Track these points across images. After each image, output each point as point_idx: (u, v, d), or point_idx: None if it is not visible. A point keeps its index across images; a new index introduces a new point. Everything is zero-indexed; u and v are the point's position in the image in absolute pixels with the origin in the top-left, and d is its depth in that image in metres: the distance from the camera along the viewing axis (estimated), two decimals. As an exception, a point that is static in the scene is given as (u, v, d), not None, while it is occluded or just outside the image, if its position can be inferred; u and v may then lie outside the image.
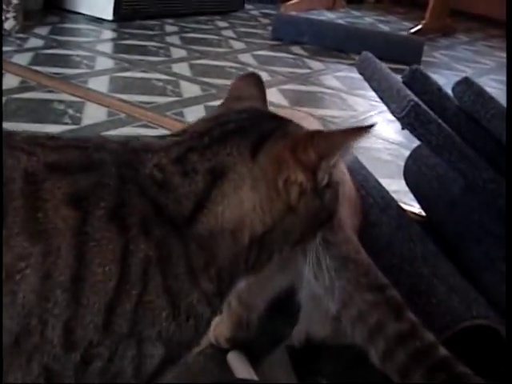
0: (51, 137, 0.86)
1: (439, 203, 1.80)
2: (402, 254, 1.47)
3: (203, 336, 0.90)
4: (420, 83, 1.64)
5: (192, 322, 0.84)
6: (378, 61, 1.77)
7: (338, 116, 3.16)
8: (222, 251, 0.87)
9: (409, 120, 1.39)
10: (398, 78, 1.68)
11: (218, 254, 0.86)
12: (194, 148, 0.88)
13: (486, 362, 1.36)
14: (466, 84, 1.54)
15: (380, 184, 1.73)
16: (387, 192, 1.71)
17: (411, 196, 2.04)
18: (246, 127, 0.91)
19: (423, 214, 1.98)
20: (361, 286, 1.10)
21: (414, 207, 2.06)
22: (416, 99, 1.43)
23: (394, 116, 1.42)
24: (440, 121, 1.42)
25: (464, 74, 4.63)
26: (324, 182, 0.92)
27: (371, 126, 0.90)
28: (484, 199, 1.46)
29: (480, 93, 1.52)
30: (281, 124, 0.94)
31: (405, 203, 2.13)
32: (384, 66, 1.75)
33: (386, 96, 1.52)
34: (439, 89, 1.63)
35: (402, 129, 1.42)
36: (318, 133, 0.92)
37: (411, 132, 1.40)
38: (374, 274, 1.14)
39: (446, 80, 4.08)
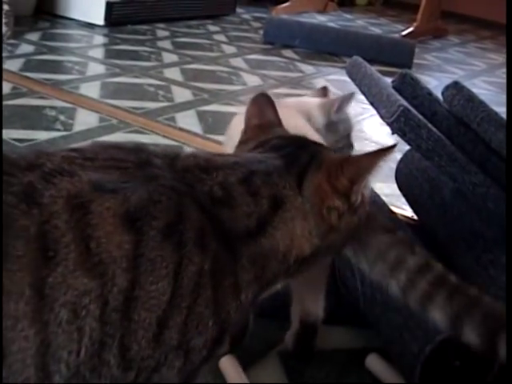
0: (88, 157, 0.84)
1: (431, 207, 1.80)
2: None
3: None
4: (410, 88, 1.64)
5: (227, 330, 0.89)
6: (368, 65, 1.77)
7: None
8: (271, 269, 0.93)
9: (398, 125, 1.38)
10: (389, 81, 1.69)
11: (267, 270, 0.93)
12: (255, 172, 0.94)
13: (476, 368, 1.37)
14: (455, 88, 1.54)
15: (371, 188, 1.73)
16: (379, 196, 1.71)
17: (403, 200, 2.04)
18: (291, 162, 0.98)
19: (415, 217, 1.98)
20: (375, 230, 1.14)
21: (407, 211, 2.06)
22: (406, 104, 1.43)
23: (384, 121, 1.42)
24: (430, 125, 1.42)
25: (456, 76, 4.66)
26: (358, 203, 1.02)
27: (394, 146, 1.00)
28: (474, 203, 1.46)
29: (469, 97, 1.52)
30: (315, 153, 1.02)
31: (397, 207, 2.13)
32: (374, 70, 1.75)
33: (376, 101, 1.52)
34: (429, 93, 1.63)
35: (392, 133, 1.42)
36: (346, 160, 1.01)
37: (401, 137, 1.40)
38: (383, 220, 1.18)
39: (437, 82, 4.09)
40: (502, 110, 3.84)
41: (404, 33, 5.71)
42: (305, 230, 0.96)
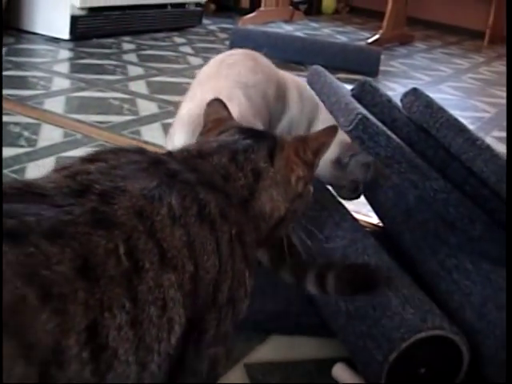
0: (114, 166, 0.94)
1: (395, 213, 1.81)
2: None
3: None
4: (369, 95, 1.64)
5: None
6: (328, 74, 1.77)
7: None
8: (260, 229, 1.13)
9: (357, 133, 1.39)
10: (350, 89, 1.69)
11: (259, 231, 1.12)
12: (237, 152, 1.12)
13: (443, 371, 1.37)
14: (413, 95, 1.54)
15: (335, 197, 1.73)
16: (342, 205, 1.71)
17: (369, 207, 2.05)
18: (259, 139, 1.16)
19: (381, 224, 1.99)
20: None
21: (373, 218, 2.06)
22: (364, 112, 1.43)
23: (343, 129, 1.41)
24: (389, 132, 1.43)
25: (422, 82, 4.69)
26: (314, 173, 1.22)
27: (336, 127, 1.22)
28: (436, 209, 1.46)
29: (428, 103, 1.52)
30: (274, 136, 1.20)
31: (363, 214, 2.13)
32: (334, 78, 1.75)
33: (335, 109, 1.52)
34: (389, 100, 1.64)
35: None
36: (308, 137, 1.22)
37: (360, 145, 1.40)
38: None
39: (404, 88, 4.06)
40: (467, 115, 3.89)
41: (370, 40, 5.72)
42: (279, 196, 1.14)
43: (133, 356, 0.80)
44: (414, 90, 1.55)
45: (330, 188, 1.90)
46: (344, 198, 1.93)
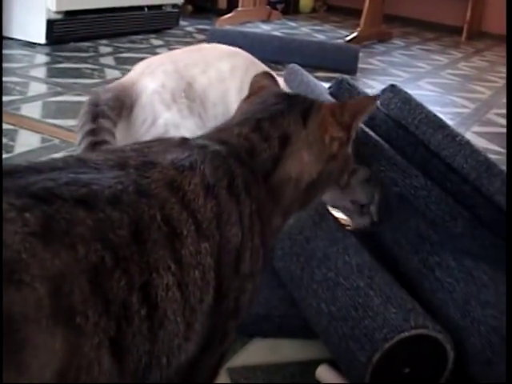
0: (144, 146, 1.01)
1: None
2: (338, 268, 1.46)
3: None
4: (347, 93, 1.63)
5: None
6: (305, 72, 1.76)
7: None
8: (286, 196, 1.13)
9: (335, 131, 1.37)
10: (327, 87, 1.68)
11: (284, 199, 1.13)
12: (262, 119, 1.14)
13: (428, 370, 1.36)
14: (391, 91, 1.53)
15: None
16: (323, 204, 1.69)
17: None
18: (292, 104, 1.19)
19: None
20: None
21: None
22: (342, 110, 1.42)
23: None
24: (367, 129, 1.41)
25: (400, 79, 4.70)
26: (353, 137, 1.23)
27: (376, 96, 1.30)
28: (417, 207, 1.45)
29: (406, 99, 1.51)
30: (312, 100, 1.23)
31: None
32: (311, 77, 1.74)
33: (312, 108, 1.50)
34: (367, 97, 1.63)
35: (330, 140, 1.40)
36: (347, 101, 1.28)
37: (338, 143, 1.38)
38: None
39: (382, 86, 4.06)
40: (447, 110, 3.89)
41: (348, 38, 5.72)
42: (311, 157, 1.15)
43: (181, 316, 0.87)
44: (392, 87, 1.54)
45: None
46: (357, 228, 1.77)
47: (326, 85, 1.74)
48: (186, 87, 1.83)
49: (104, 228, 0.80)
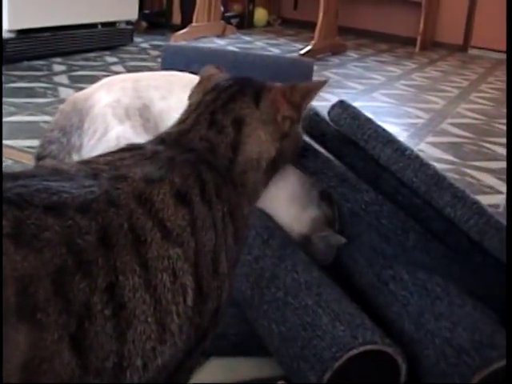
0: (120, 158, 1.05)
1: (331, 226, 1.80)
2: (286, 287, 1.45)
3: None
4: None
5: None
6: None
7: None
8: (250, 180, 1.18)
9: (284, 149, 1.37)
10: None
11: (248, 183, 1.18)
12: (215, 112, 1.20)
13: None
14: (340, 107, 1.53)
15: (265, 213, 1.70)
16: (272, 221, 1.68)
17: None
18: (242, 87, 1.25)
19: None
20: None
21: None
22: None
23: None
24: (317, 146, 1.42)
25: (355, 91, 4.72)
26: (302, 117, 1.30)
27: (326, 81, 1.34)
28: (369, 221, 1.45)
29: (355, 114, 1.51)
30: (262, 82, 1.30)
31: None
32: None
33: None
34: (316, 114, 1.63)
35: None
36: (297, 84, 1.30)
37: (289, 161, 1.39)
38: None
39: (337, 98, 4.10)
40: (401, 121, 3.92)
41: (302, 51, 5.74)
42: (267, 135, 1.21)
43: (151, 317, 0.91)
44: (341, 103, 1.54)
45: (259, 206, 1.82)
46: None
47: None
48: (141, 107, 1.82)
49: (71, 234, 0.85)
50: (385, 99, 4.56)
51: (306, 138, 1.42)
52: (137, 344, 0.90)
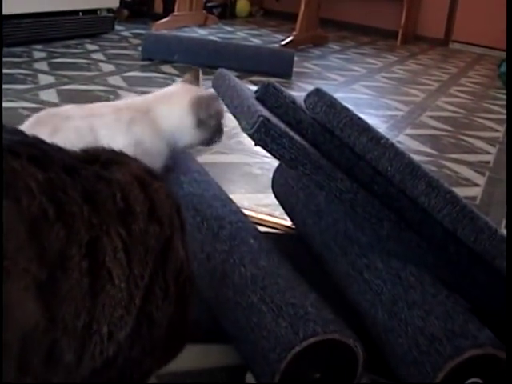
0: None
1: (306, 215, 1.80)
2: (234, 284, 1.43)
3: None
4: (273, 98, 1.62)
5: None
6: (232, 77, 1.75)
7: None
8: None
9: (259, 135, 1.36)
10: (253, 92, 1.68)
11: None
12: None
13: (337, 370, 1.34)
14: (316, 95, 1.53)
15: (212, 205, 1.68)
16: (227, 209, 1.66)
17: (282, 209, 2.04)
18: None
19: (294, 226, 1.98)
20: None
21: (287, 220, 2.05)
22: (267, 114, 1.42)
23: (245, 133, 1.40)
24: (292, 134, 1.41)
25: (336, 83, 4.72)
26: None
27: None
28: (344, 209, 1.45)
29: (331, 103, 1.51)
30: None
31: (277, 217, 2.13)
32: (238, 81, 1.74)
33: (238, 112, 1.50)
34: (293, 102, 1.62)
35: (255, 145, 1.40)
36: None
37: (263, 148, 1.38)
38: None
39: (317, 90, 4.11)
40: (381, 113, 3.93)
41: (284, 42, 5.73)
42: None
43: (125, 284, 0.92)
44: (317, 91, 1.54)
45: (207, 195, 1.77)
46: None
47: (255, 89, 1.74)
48: None
49: (53, 186, 0.86)
50: (365, 91, 4.57)
51: (281, 125, 1.41)
52: (106, 309, 0.90)
